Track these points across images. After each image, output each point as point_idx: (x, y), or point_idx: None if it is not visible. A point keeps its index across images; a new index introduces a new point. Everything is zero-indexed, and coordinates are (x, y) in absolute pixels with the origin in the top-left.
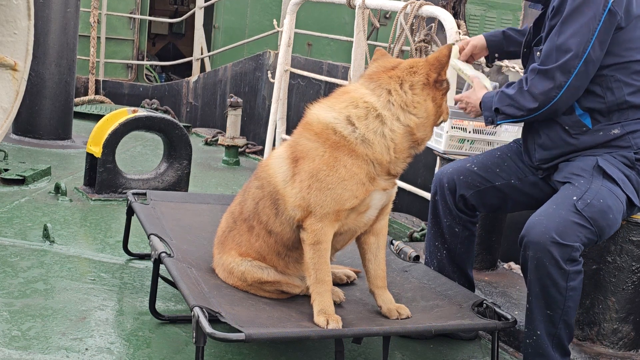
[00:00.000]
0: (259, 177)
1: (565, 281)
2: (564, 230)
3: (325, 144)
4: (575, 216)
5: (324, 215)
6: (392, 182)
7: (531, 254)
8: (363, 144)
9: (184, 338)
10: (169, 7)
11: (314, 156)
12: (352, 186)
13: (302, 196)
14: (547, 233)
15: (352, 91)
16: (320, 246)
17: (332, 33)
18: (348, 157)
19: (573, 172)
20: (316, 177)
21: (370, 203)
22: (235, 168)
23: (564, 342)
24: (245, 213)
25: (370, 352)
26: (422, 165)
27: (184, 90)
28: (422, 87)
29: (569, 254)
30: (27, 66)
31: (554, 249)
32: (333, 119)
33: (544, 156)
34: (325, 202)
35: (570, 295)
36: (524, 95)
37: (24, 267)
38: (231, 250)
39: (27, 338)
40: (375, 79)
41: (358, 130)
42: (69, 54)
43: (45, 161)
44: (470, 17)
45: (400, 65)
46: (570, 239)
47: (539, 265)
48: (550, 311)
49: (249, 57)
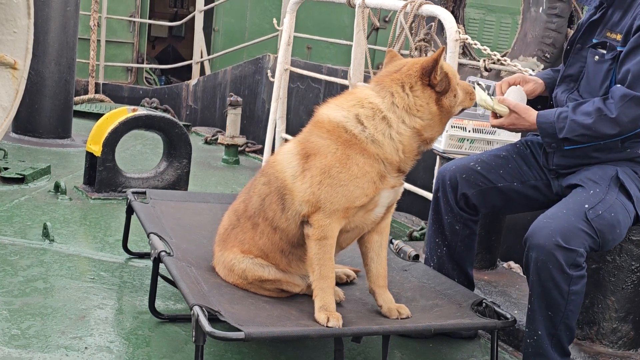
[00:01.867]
0: (266, 174)
1: (568, 285)
2: (569, 235)
3: (338, 142)
4: (584, 224)
5: (333, 212)
6: (401, 180)
7: (535, 255)
8: (373, 144)
9: (184, 337)
10: (169, 10)
11: (326, 153)
12: (364, 184)
13: (312, 191)
14: (552, 236)
15: (358, 92)
16: (327, 242)
17: (331, 36)
18: (360, 155)
19: (590, 178)
20: (328, 174)
21: (378, 201)
22: (235, 167)
23: (563, 343)
24: (250, 210)
25: (369, 351)
26: (422, 165)
27: (183, 93)
28: (422, 89)
29: (574, 258)
30: (26, 65)
31: (558, 253)
32: (343, 117)
33: (563, 163)
34: (336, 198)
35: (572, 299)
36: (606, 123)
37: (23, 266)
38: (233, 248)
39: (26, 337)
40: (380, 82)
41: (367, 129)
42: (69, 53)
43: (45, 160)
44: (470, 21)
45: (403, 67)
46: (575, 243)
47: (542, 267)
48: (552, 312)
49: (249, 61)
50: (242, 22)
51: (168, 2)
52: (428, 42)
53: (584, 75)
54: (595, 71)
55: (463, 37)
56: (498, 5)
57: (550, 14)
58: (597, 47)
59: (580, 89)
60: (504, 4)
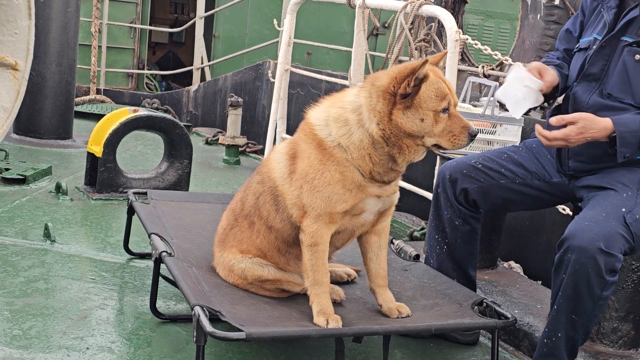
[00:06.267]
0: (260, 172)
1: (601, 290)
2: (611, 239)
3: (312, 145)
4: (623, 228)
5: (317, 217)
6: (387, 190)
7: (575, 258)
8: (339, 148)
9: (185, 337)
10: (169, 16)
11: (304, 157)
12: (339, 190)
13: (297, 194)
14: (596, 240)
15: (346, 90)
16: (317, 248)
17: (331, 42)
18: (330, 161)
19: (619, 181)
20: (305, 178)
21: (364, 207)
22: (235, 167)
23: (577, 345)
24: (247, 209)
25: (370, 350)
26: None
27: (184, 98)
28: (384, 94)
29: (612, 264)
30: (27, 66)
31: (600, 258)
32: (315, 119)
33: (580, 167)
34: (316, 203)
35: (600, 305)
36: None
37: (24, 267)
38: (232, 248)
39: (28, 337)
40: (364, 80)
41: (332, 134)
42: (70, 54)
43: (46, 160)
44: (468, 27)
45: (389, 69)
46: (615, 248)
47: (580, 270)
48: (576, 316)
49: (249, 67)
50: (242, 29)
51: (168, 8)
52: (428, 43)
53: (615, 75)
54: (637, 71)
55: (463, 38)
56: (496, 11)
57: (548, 20)
58: (632, 45)
59: (609, 88)
60: (502, 10)
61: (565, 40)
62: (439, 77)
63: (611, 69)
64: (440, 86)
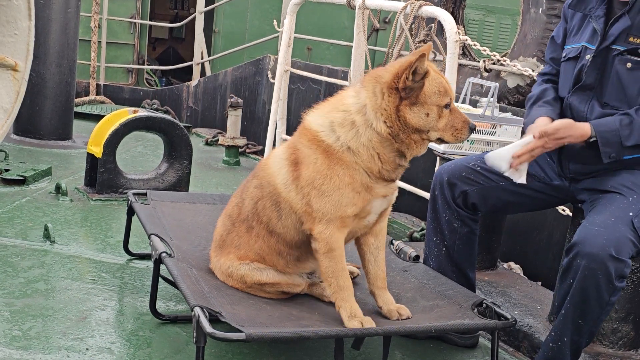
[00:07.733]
0: (258, 176)
1: (610, 296)
2: (620, 245)
3: (317, 151)
4: (632, 233)
5: (329, 222)
6: (392, 188)
7: (584, 264)
8: (349, 152)
9: (185, 338)
10: (169, 12)
11: (309, 163)
12: (349, 194)
13: (305, 202)
14: (607, 246)
15: (341, 94)
16: (334, 253)
17: (331, 38)
18: (338, 166)
19: (624, 184)
20: (313, 185)
21: (370, 209)
22: (235, 168)
23: (580, 348)
24: (244, 213)
25: (370, 351)
26: (422, 166)
27: (184, 94)
28: (389, 91)
29: (622, 269)
30: (27, 66)
31: (610, 263)
32: (319, 126)
33: (580, 170)
34: (326, 208)
35: (607, 310)
36: None
37: (24, 267)
38: (229, 254)
39: (27, 338)
40: (363, 81)
41: (340, 138)
42: (70, 54)
43: (46, 161)
44: (469, 22)
45: (391, 65)
46: (624, 254)
47: (589, 276)
48: (583, 322)
49: (249, 62)
50: (242, 24)
51: (168, 4)
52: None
53: (609, 83)
54: (630, 79)
55: (463, 38)
56: (498, 6)
57: (549, 14)
58: (623, 54)
59: (606, 97)
60: (503, 5)
61: (551, 49)
62: (438, 73)
63: (605, 78)
64: (441, 82)
